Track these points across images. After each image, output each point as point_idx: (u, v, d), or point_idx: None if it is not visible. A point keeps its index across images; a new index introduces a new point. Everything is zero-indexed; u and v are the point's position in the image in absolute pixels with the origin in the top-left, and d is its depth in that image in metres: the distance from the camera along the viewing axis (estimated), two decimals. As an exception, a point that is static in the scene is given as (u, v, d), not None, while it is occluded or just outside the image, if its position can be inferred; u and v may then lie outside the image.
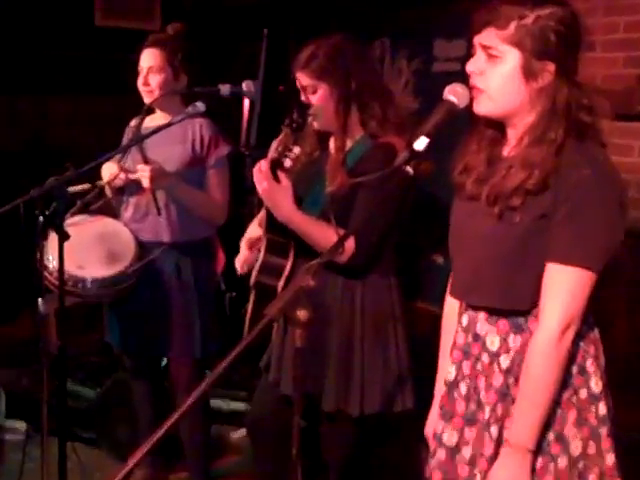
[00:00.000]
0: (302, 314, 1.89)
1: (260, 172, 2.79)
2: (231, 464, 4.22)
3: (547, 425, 2.10)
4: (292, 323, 1.91)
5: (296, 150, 2.82)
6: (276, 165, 2.81)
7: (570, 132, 2.06)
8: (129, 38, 3.71)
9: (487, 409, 2.17)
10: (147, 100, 3.58)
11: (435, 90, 2.17)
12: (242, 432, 4.28)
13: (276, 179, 2.80)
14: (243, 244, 3.21)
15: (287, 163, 2.81)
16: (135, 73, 3.61)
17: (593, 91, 2.14)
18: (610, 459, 2.16)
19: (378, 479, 3.71)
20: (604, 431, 2.16)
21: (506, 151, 2.18)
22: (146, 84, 3.56)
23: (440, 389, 2.38)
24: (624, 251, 3.97)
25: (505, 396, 2.14)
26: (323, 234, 2.74)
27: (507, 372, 2.14)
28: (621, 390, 3.96)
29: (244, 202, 3.73)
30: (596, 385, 2.16)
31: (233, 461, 4.24)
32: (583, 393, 2.14)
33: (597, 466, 2.14)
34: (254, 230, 3.19)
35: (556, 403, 2.10)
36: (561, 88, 2.06)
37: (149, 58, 3.56)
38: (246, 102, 3.63)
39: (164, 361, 4.05)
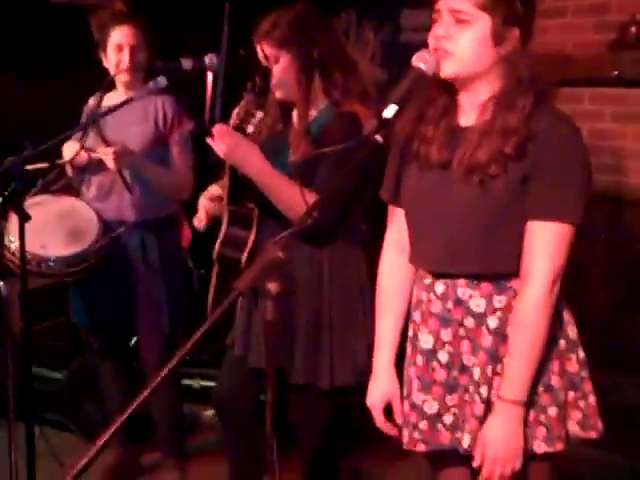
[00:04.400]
0: (273, 287, 1.86)
1: (219, 133, 2.74)
2: (204, 442, 4.21)
3: (536, 378, 2.14)
4: (262, 296, 1.87)
5: (259, 115, 2.78)
6: (238, 131, 2.76)
7: (536, 98, 2.10)
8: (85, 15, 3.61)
9: (476, 370, 2.18)
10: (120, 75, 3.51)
11: (403, 60, 2.14)
12: (215, 410, 4.24)
13: None
14: (202, 198, 3.14)
15: (250, 129, 2.76)
16: (88, 50, 3.55)
17: (542, 57, 2.24)
18: (593, 400, 2.24)
19: (351, 452, 3.68)
20: (585, 374, 2.23)
21: (464, 120, 2.20)
22: (131, 62, 3.50)
23: (383, 357, 2.41)
24: (599, 216, 4.02)
25: (494, 357, 2.16)
26: (292, 192, 2.62)
27: (495, 333, 2.16)
28: (598, 353, 3.99)
29: (210, 177, 3.68)
30: (572, 332, 2.23)
31: (206, 439, 4.22)
32: (562, 343, 2.20)
33: (577, 409, 2.21)
34: (214, 188, 3.13)
35: (542, 356, 2.14)
36: (523, 55, 2.12)
37: (130, 37, 3.51)
38: (209, 77, 3.56)
39: (133, 340, 3.99)
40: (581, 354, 2.24)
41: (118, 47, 3.50)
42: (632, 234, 4.10)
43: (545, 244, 2.08)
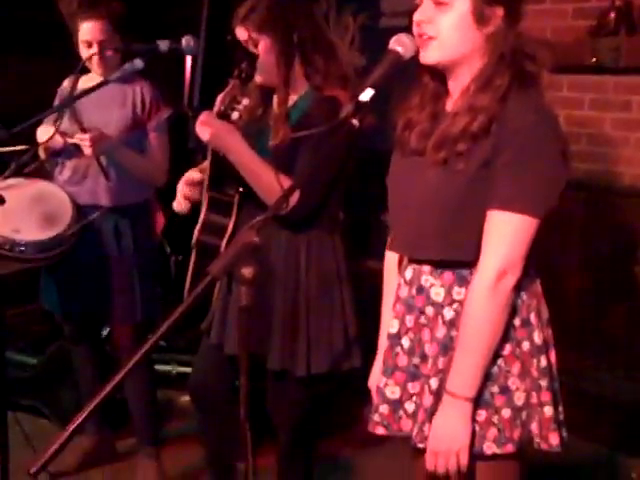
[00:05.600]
0: (247, 271, 1.83)
1: (203, 121, 2.73)
2: (180, 428, 4.21)
3: (491, 378, 2.10)
4: (237, 281, 1.85)
5: (245, 102, 2.76)
6: (223, 118, 2.75)
7: (514, 80, 2.05)
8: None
9: (430, 361, 2.15)
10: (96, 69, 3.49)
11: (382, 46, 2.10)
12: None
13: None
14: (181, 183, 3.07)
15: (235, 115, 2.74)
16: (64, 33, 3.50)
17: (535, 41, 2.12)
18: (548, 411, 2.16)
19: (327, 437, 3.68)
20: (544, 383, 2.16)
21: (449, 105, 2.16)
22: (101, 57, 3.45)
23: (383, 343, 2.34)
24: (576, 204, 4.03)
25: (447, 349, 2.12)
26: (271, 179, 2.55)
27: (450, 324, 2.12)
28: (574, 340, 4.01)
29: (188, 162, 3.66)
30: (538, 337, 2.15)
31: (182, 425, 4.22)
32: (526, 345, 2.13)
33: (538, 415, 2.15)
34: (192, 173, 3.07)
35: (500, 356, 2.10)
36: (508, 35, 2.05)
37: (97, 32, 3.43)
38: (188, 61, 3.54)
39: (106, 328, 3.97)
40: (543, 362, 2.16)
41: (87, 43, 3.45)
42: (609, 221, 4.11)
43: (498, 234, 2.02)
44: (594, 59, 3.99)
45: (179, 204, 3.06)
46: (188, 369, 4.36)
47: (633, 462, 3.82)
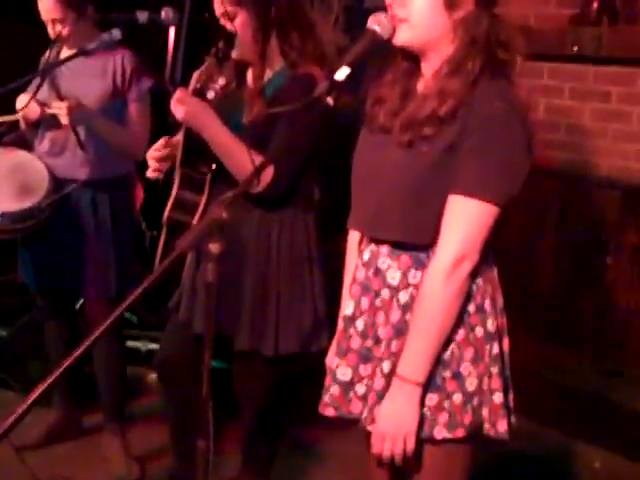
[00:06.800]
0: (214, 247, 1.82)
1: (178, 99, 2.71)
2: (148, 405, 4.19)
3: (443, 363, 2.08)
4: (204, 256, 1.84)
5: (221, 81, 2.75)
6: (199, 96, 2.73)
7: (486, 67, 2.04)
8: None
9: (383, 344, 2.14)
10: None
11: (365, 26, 2.08)
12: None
13: None
14: (149, 152, 3.01)
15: (210, 94, 2.73)
16: None
17: (512, 28, 2.09)
18: (498, 398, 2.15)
19: (295, 421, 3.67)
20: (495, 370, 2.15)
21: (421, 85, 2.15)
22: (55, 33, 3.40)
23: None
24: (552, 193, 4.03)
25: (401, 332, 2.11)
26: (244, 157, 2.59)
27: (405, 308, 2.11)
28: (543, 328, 4.02)
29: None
30: (492, 325, 2.14)
31: (150, 402, 4.20)
32: (479, 331, 2.12)
33: (489, 401, 2.14)
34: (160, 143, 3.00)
35: (453, 341, 2.08)
36: (481, 20, 2.04)
37: (49, 12, 3.37)
38: (172, 32, 3.50)
39: (80, 301, 3.94)
40: (495, 349, 2.14)
41: (45, 20, 3.41)
42: (584, 211, 4.11)
43: (459, 220, 2.02)
44: (575, 48, 3.98)
45: (151, 171, 3.00)
46: (158, 346, 4.35)
47: (597, 451, 3.85)
